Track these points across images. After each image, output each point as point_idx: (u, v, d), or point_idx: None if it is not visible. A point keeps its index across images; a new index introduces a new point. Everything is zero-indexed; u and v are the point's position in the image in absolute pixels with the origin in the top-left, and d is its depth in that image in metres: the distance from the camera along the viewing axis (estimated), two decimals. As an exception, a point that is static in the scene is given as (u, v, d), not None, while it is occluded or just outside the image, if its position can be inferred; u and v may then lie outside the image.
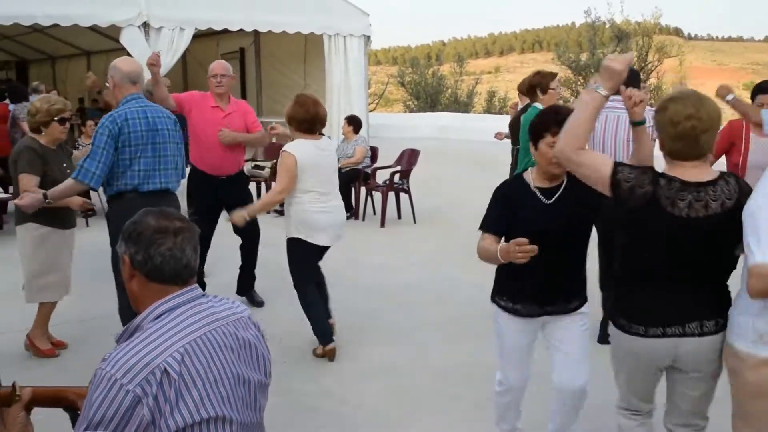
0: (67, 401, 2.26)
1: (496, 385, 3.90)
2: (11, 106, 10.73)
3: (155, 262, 2.14)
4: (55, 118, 5.29)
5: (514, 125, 7.75)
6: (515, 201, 3.48)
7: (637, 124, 3.35)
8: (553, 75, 6.06)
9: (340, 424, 4.48)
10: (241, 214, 5.38)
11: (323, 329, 5.39)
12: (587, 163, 3.05)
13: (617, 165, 3.00)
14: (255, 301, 6.59)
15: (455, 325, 6.06)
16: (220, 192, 6.36)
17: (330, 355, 5.38)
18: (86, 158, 4.76)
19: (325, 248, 5.46)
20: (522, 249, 3.06)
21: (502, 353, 3.78)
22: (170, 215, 2.22)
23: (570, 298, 3.62)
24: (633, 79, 6.23)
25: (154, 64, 5.95)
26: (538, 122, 3.50)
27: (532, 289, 3.54)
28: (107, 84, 5.06)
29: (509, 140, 8.30)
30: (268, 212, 9.12)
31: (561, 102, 6.07)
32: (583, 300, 3.68)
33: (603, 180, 2.98)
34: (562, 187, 3.49)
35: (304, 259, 5.38)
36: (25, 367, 5.24)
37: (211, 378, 2.08)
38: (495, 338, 3.79)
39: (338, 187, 5.53)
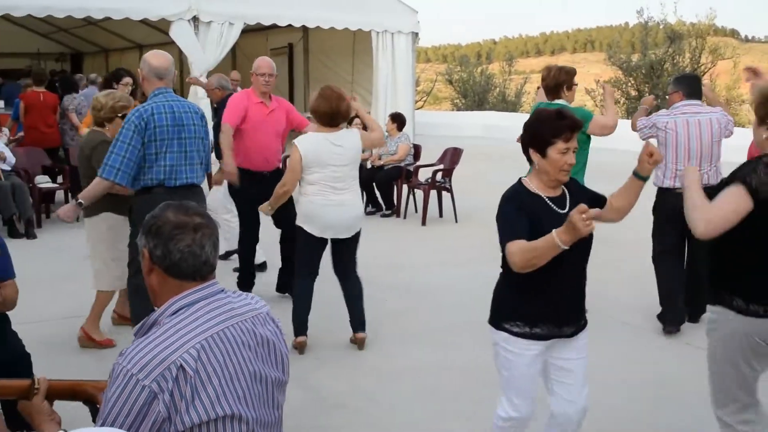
0: (85, 394, 2.27)
1: (500, 420, 3.52)
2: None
3: (174, 258, 2.13)
4: (119, 115, 5.42)
5: None
6: (532, 213, 3.17)
7: (642, 178, 3.32)
8: (575, 71, 6.10)
9: (365, 422, 4.47)
10: (265, 207, 5.58)
11: (298, 321, 5.45)
12: (730, 210, 3.12)
13: (744, 182, 3.12)
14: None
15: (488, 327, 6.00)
16: (263, 186, 6.29)
17: (298, 347, 5.38)
18: (110, 154, 4.72)
19: (339, 240, 5.41)
20: (588, 215, 2.79)
21: (513, 385, 3.40)
22: (190, 210, 2.20)
23: (581, 315, 3.41)
24: (694, 85, 6.16)
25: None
26: (546, 128, 3.19)
27: (552, 308, 3.25)
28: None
29: None
30: None
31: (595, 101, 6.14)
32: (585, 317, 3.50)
33: (748, 207, 3.10)
34: (568, 196, 3.29)
35: (305, 248, 5.43)
36: (65, 356, 5.32)
37: (227, 375, 2.07)
38: (501, 370, 3.43)
39: (356, 181, 5.48)
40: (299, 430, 4.25)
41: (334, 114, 5.22)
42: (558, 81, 5.95)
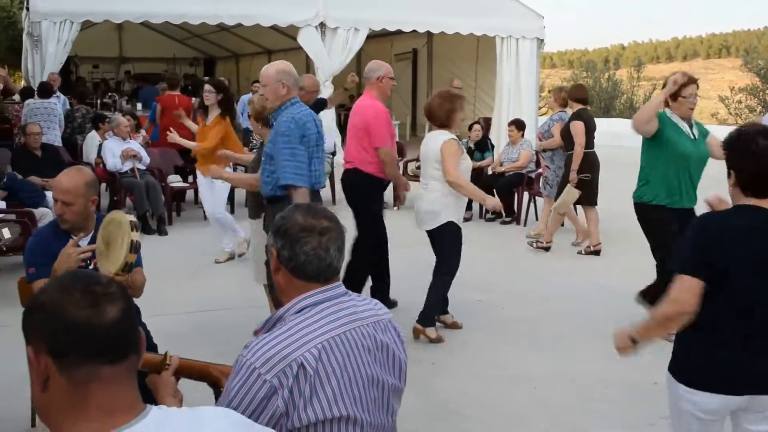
0: (211, 377, 2.36)
1: None
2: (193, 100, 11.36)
3: (299, 260, 2.17)
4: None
5: (567, 132, 8.40)
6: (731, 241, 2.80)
7: None
8: (692, 79, 5.62)
9: (476, 429, 4.43)
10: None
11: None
12: None
13: None
14: (390, 302, 6.40)
15: (610, 340, 5.82)
16: (382, 193, 6.38)
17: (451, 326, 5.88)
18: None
19: (429, 233, 5.79)
20: None
21: None
22: (318, 213, 2.23)
23: None
24: None
25: None
26: None
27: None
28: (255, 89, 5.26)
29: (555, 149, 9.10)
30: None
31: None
32: None
33: None
34: None
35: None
36: (186, 349, 5.47)
37: (345, 377, 2.10)
38: None
39: (433, 180, 5.70)
40: (412, 434, 4.26)
41: (427, 113, 5.84)
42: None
